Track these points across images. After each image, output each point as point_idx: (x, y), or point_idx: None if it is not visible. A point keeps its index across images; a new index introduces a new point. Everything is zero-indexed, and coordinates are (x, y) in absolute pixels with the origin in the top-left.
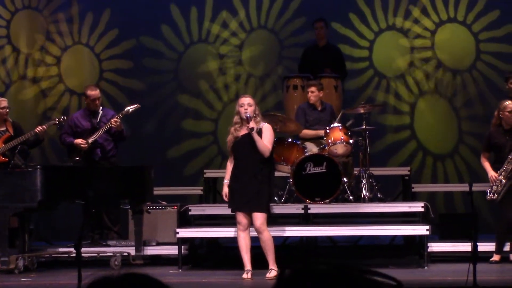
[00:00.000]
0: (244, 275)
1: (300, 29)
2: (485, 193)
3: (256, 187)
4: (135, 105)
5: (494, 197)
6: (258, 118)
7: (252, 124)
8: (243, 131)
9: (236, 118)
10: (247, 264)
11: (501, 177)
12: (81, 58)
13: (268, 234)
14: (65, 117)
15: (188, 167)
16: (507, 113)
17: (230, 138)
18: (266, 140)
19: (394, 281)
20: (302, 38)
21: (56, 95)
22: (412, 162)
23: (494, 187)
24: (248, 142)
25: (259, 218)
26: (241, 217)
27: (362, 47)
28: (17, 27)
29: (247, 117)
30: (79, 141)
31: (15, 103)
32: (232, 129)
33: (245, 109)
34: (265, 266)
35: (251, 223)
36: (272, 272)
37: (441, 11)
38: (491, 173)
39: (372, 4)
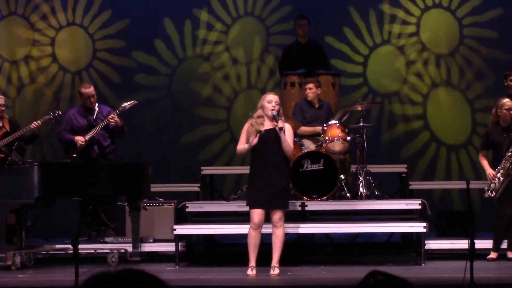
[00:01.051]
0: (249, 271)
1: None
2: (482, 190)
3: (284, 183)
4: (132, 102)
5: (492, 195)
6: (283, 118)
7: (281, 123)
8: (267, 126)
9: (259, 112)
10: (253, 261)
11: (499, 174)
12: (75, 38)
13: (283, 231)
14: (60, 112)
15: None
16: (504, 111)
17: (249, 128)
18: (289, 140)
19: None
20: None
21: (50, 75)
22: (425, 153)
23: (492, 185)
24: (273, 138)
25: (280, 213)
26: (257, 215)
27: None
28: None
29: (273, 115)
30: (78, 138)
31: (8, 81)
32: (253, 121)
33: (272, 106)
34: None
35: (263, 222)
36: (276, 270)
37: None
38: (489, 170)
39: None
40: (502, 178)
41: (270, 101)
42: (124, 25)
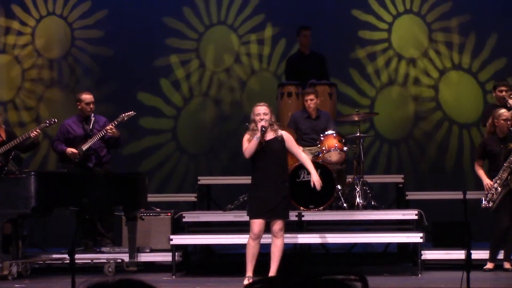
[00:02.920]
0: (245, 281)
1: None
2: (479, 200)
3: (284, 193)
4: (130, 112)
5: (489, 205)
6: (275, 126)
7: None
8: (268, 137)
9: (252, 126)
10: (250, 271)
11: (496, 184)
12: (54, 28)
13: (283, 241)
14: (55, 120)
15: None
16: (501, 121)
17: (249, 138)
18: (295, 147)
19: (357, 276)
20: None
21: (30, 62)
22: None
23: (490, 195)
24: (274, 149)
25: (280, 223)
26: (257, 226)
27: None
28: None
29: (262, 130)
30: (70, 152)
31: None
32: (249, 135)
33: (260, 119)
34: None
35: (263, 233)
36: None
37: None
38: (487, 181)
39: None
40: (499, 189)
41: (258, 114)
42: (102, 16)
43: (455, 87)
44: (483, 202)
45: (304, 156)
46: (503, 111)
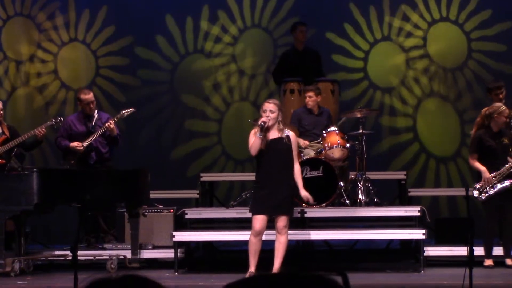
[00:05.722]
0: (248, 276)
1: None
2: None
3: (288, 192)
4: (131, 109)
5: (482, 197)
6: (282, 126)
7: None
8: (273, 136)
9: (258, 128)
10: (252, 266)
11: (494, 179)
12: (77, 55)
13: (287, 238)
14: (62, 118)
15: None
16: (503, 118)
17: (255, 134)
18: (296, 153)
19: (340, 274)
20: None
21: (53, 91)
22: (415, 165)
23: (484, 187)
24: (280, 148)
25: (284, 220)
26: (259, 222)
27: (357, 58)
28: (10, 34)
29: (261, 125)
30: (75, 144)
31: (11, 100)
32: (255, 130)
33: (266, 116)
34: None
35: (265, 230)
36: None
37: (433, 10)
38: (487, 174)
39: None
40: (498, 186)
41: (265, 110)
42: (127, 43)
43: (431, 115)
44: (475, 192)
45: (297, 169)
46: (504, 107)
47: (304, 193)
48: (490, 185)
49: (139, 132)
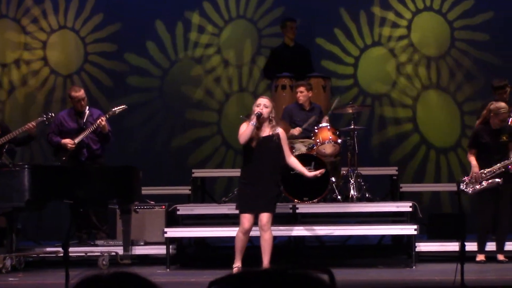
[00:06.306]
0: (235, 270)
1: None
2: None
3: (274, 189)
4: (122, 106)
5: (467, 190)
6: (274, 122)
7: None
8: (264, 133)
9: (252, 116)
10: (239, 261)
11: (484, 175)
12: (66, 42)
13: (271, 234)
14: (52, 114)
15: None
16: (497, 120)
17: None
18: (287, 148)
19: (326, 272)
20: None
21: (41, 78)
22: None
23: (472, 181)
24: (269, 146)
25: (267, 217)
26: (248, 220)
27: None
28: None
29: (258, 114)
30: (66, 141)
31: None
32: (246, 123)
33: (260, 109)
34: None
35: (253, 227)
36: None
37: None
38: (476, 169)
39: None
40: (484, 183)
41: (259, 104)
42: (116, 29)
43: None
44: (463, 185)
45: (294, 160)
46: (504, 106)
47: (311, 173)
48: (478, 181)
49: (131, 131)
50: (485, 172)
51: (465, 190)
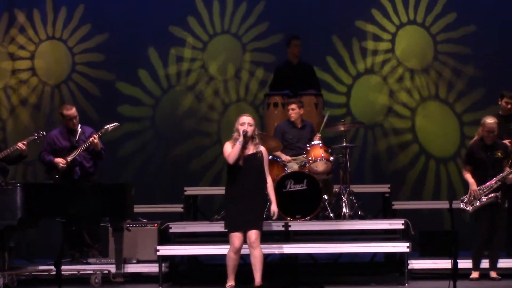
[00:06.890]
0: None
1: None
2: (465, 209)
3: (260, 207)
4: (114, 124)
5: (468, 208)
6: (257, 140)
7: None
8: (249, 151)
9: (236, 135)
10: (232, 281)
11: (482, 192)
12: (55, 52)
13: (261, 251)
14: (44, 133)
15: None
16: (485, 133)
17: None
18: (267, 166)
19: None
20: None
21: (30, 88)
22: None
23: (471, 199)
24: (254, 164)
25: (256, 233)
26: (238, 239)
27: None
28: None
29: (244, 132)
30: (59, 160)
31: None
32: (231, 143)
33: (245, 128)
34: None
35: (243, 245)
36: None
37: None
38: (475, 187)
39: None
40: (484, 199)
41: (243, 123)
42: (103, 39)
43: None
44: (462, 203)
45: (270, 183)
46: (489, 121)
47: (274, 207)
48: (477, 198)
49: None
50: (483, 187)
51: (466, 208)
